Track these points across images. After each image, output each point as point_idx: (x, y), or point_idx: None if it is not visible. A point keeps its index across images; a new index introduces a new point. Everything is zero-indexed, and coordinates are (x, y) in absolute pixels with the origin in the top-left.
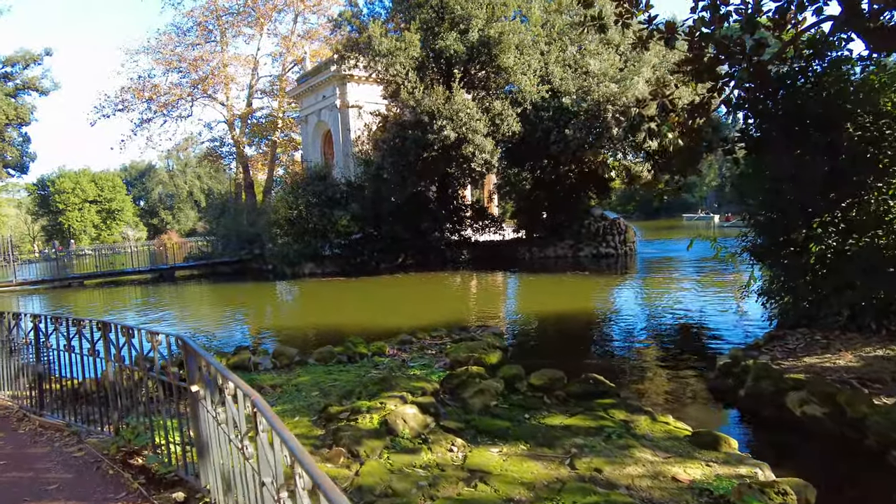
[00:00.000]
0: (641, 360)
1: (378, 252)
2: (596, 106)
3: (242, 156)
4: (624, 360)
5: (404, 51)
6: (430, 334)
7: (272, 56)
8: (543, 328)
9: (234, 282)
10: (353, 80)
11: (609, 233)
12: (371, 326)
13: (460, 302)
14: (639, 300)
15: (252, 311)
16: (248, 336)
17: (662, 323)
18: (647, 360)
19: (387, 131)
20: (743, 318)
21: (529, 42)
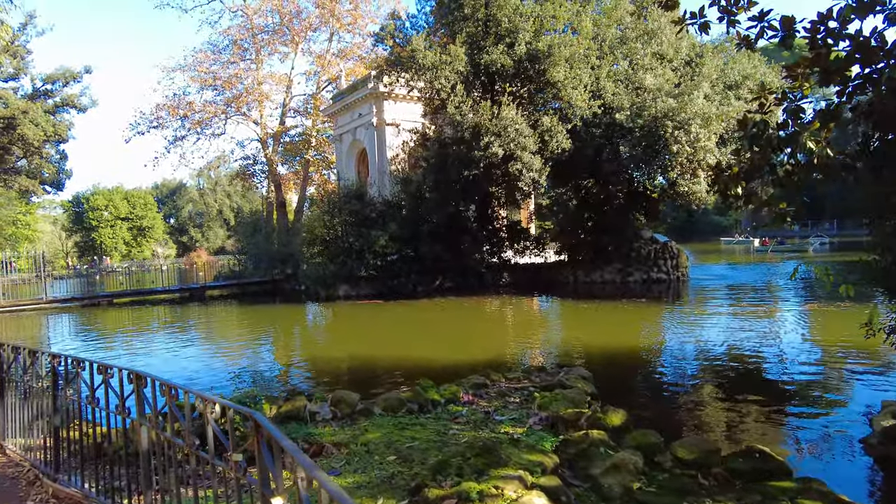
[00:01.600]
0: (761, 408)
1: (415, 274)
2: (653, 122)
3: (275, 174)
4: (737, 407)
5: (449, 64)
6: (506, 376)
7: (306, 75)
8: (624, 367)
9: (265, 303)
10: (390, 98)
11: (661, 257)
12: (420, 360)
13: (512, 332)
14: (719, 333)
15: (284, 335)
16: (281, 366)
17: (763, 361)
18: (769, 408)
19: (427, 149)
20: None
21: (581, 55)
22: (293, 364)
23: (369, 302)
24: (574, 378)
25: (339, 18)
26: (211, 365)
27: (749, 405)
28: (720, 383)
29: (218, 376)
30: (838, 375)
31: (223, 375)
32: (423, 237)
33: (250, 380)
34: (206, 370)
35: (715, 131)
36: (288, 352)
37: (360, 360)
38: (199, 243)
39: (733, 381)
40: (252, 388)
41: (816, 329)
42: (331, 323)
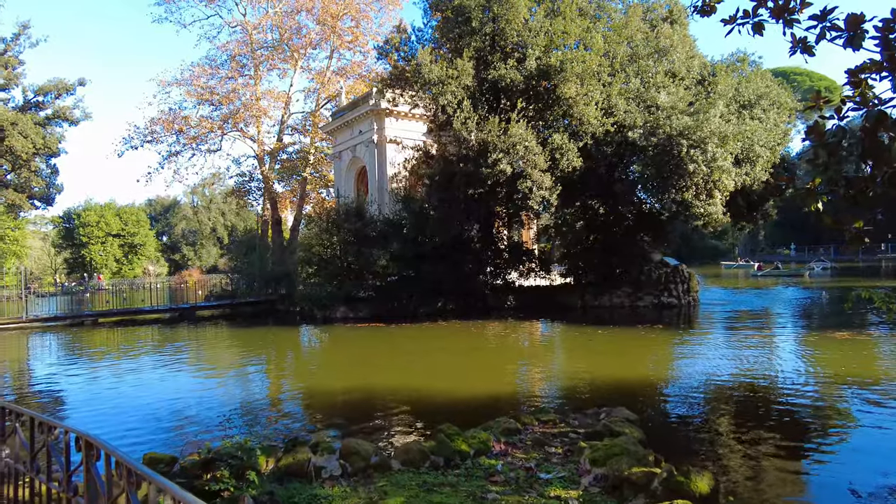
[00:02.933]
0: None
1: (417, 296)
2: (667, 140)
3: (271, 192)
4: (798, 456)
5: (456, 79)
6: (538, 418)
7: (305, 92)
8: (658, 404)
9: (258, 325)
10: (392, 115)
11: (672, 281)
12: (428, 391)
13: (525, 360)
14: (750, 362)
15: (278, 361)
16: (274, 397)
17: (801, 396)
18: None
19: (431, 166)
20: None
21: (593, 71)
22: (287, 395)
23: (369, 325)
24: (619, 422)
25: (339, 36)
26: (197, 396)
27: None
28: (771, 426)
29: (205, 410)
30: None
31: (211, 409)
32: (426, 257)
33: (240, 415)
34: (190, 402)
35: (731, 151)
36: (282, 380)
37: (362, 390)
38: (191, 262)
39: (783, 425)
40: (246, 438)
41: (857, 361)
42: (328, 347)
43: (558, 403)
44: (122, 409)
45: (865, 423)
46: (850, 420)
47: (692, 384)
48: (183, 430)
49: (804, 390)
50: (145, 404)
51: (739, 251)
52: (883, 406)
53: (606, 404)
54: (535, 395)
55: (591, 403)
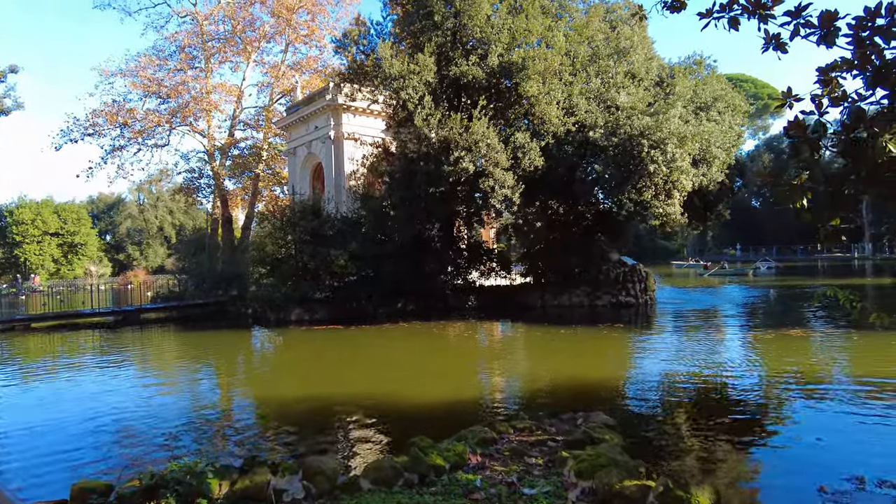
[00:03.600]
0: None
1: (376, 296)
2: (628, 140)
3: (221, 189)
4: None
5: (417, 74)
6: (514, 426)
7: (258, 86)
8: (626, 406)
9: (208, 328)
10: (349, 111)
11: (629, 280)
12: (392, 397)
13: (489, 362)
14: (719, 360)
15: (230, 368)
16: (225, 407)
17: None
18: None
19: (392, 164)
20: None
21: (555, 70)
22: (240, 405)
23: (326, 327)
24: (598, 428)
25: (295, 29)
26: (140, 408)
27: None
28: (738, 426)
29: (149, 425)
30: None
31: (156, 423)
32: (386, 257)
33: (189, 430)
34: (133, 416)
35: (689, 152)
36: (234, 389)
37: (321, 398)
38: (137, 262)
39: (747, 423)
40: (195, 460)
41: (814, 357)
42: (283, 351)
43: (528, 407)
44: (54, 425)
45: (826, 419)
46: (810, 415)
47: (658, 384)
48: (123, 450)
49: (766, 388)
50: (81, 420)
51: (689, 251)
52: (839, 401)
53: (576, 407)
54: (503, 399)
55: (561, 406)
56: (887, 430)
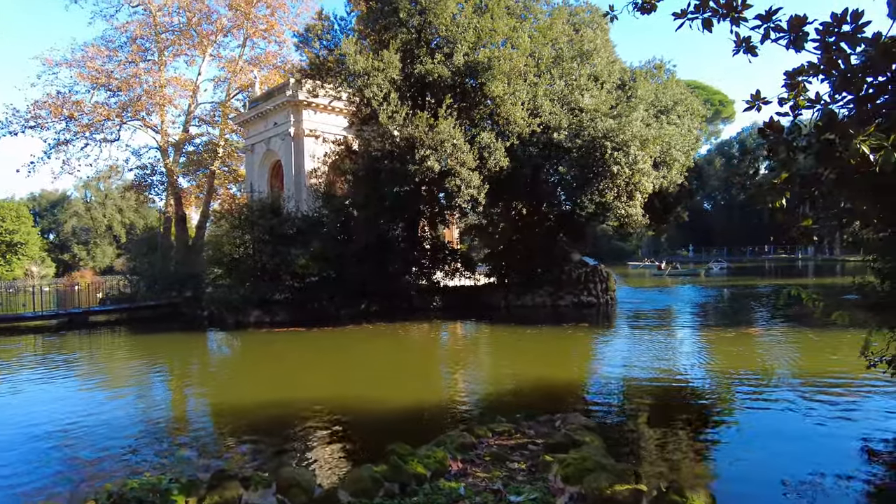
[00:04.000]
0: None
1: (339, 297)
2: (591, 142)
3: (175, 187)
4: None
5: (382, 72)
6: (492, 430)
7: (214, 81)
8: (612, 408)
9: (161, 330)
10: (310, 107)
11: (591, 280)
12: (360, 402)
13: (456, 363)
14: (685, 359)
15: (185, 372)
16: (183, 417)
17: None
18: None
19: (355, 162)
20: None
21: (520, 71)
22: (200, 413)
23: (287, 329)
24: (578, 430)
25: (253, 23)
26: (91, 419)
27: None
28: (707, 422)
29: (102, 437)
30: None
31: (109, 435)
32: (349, 257)
33: (147, 441)
34: (83, 428)
35: (651, 154)
36: (192, 396)
37: (286, 404)
38: (83, 262)
39: (710, 419)
40: (159, 475)
41: (773, 354)
42: (243, 355)
43: (498, 409)
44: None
45: (779, 416)
46: (766, 413)
47: (624, 384)
48: (73, 466)
49: (726, 387)
50: (25, 432)
51: (643, 252)
52: (793, 398)
53: (547, 408)
54: (473, 401)
55: (531, 408)
56: (839, 425)
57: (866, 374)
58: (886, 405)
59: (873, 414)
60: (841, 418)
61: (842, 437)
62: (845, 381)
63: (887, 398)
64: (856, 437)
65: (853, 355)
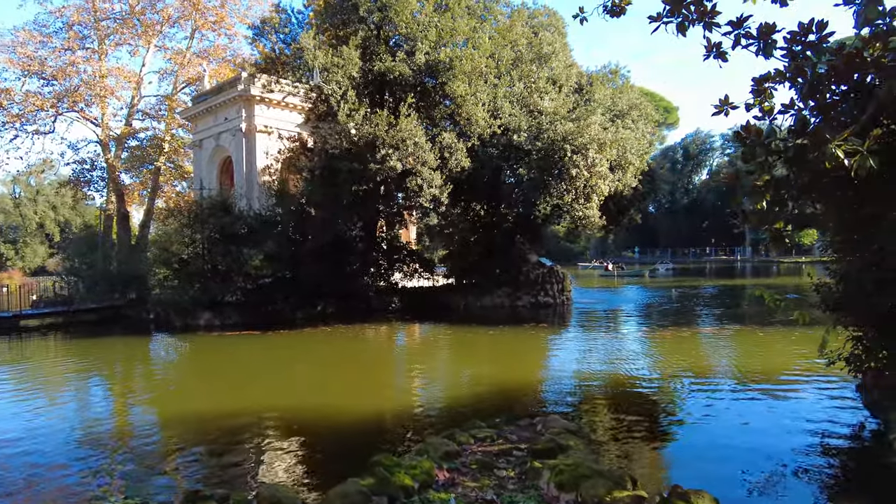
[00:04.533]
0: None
1: (294, 299)
2: (551, 145)
3: (117, 183)
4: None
5: (342, 68)
6: (474, 435)
7: (160, 73)
8: (587, 406)
9: (102, 334)
10: (262, 102)
11: (548, 281)
12: (327, 412)
13: (421, 366)
14: (641, 357)
15: (126, 380)
16: (129, 429)
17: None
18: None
19: (312, 159)
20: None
21: (480, 71)
22: (151, 423)
23: (240, 333)
24: (561, 433)
25: (203, 14)
26: (22, 432)
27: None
28: (669, 420)
29: (43, 455)
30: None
31: (40, 448)
32: (304, 258)
33: (93, 456)
34: (10, 444)
35: (608, 157)
36: (139, 403)
37: (243, 413)
38: (11, 262)
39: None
40: (127, 500)
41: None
42: (193, 361)
43: (467, 414)
44: None
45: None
46: (721, 408)
47: (591, 384)
48: (13, 494)
49: (682, 385)
50: None
51: (591, 253)
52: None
53: (512, 409)
54: (439, 405)
55: (499, 410)
56: (791, 419)
57: (815, 370)
58: (830, 401)
59: (823, 407)
60: (791, 412)
61: (798, 431)
62: (795, 377)
63: (829, 391)
64: (813, 432)
65: (803, 352)
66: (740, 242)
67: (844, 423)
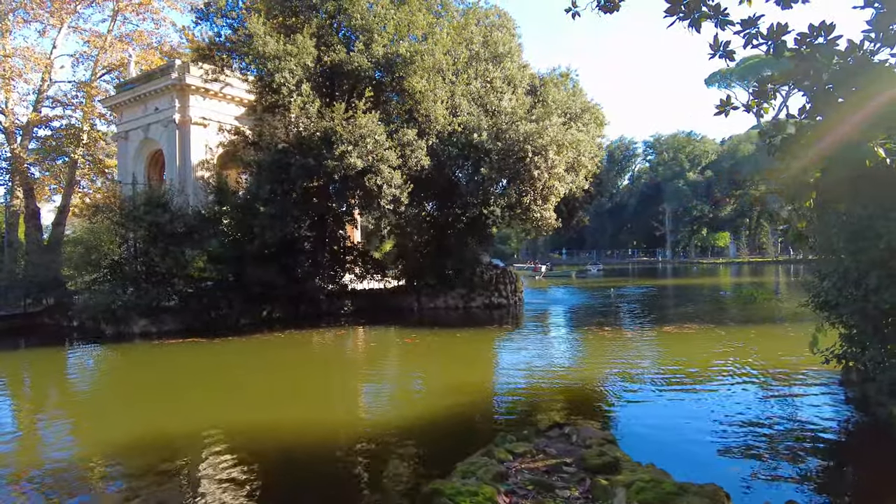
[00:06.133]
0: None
1: (237, 303)
2: (513, 145)
3: (25, 177)
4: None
5: (295, 56)
6: (511, 451)
7: (74, 57)
8: (556, 411)
9: (14, 347)
10: (198, 92)
11: (501, 282)
12: (287, 427)
13: (387, 373)
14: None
15: (59, 400)
16: (73, 457)
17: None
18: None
19: (259, 153)
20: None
21: (444, 66)
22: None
23: (181, 341)
24: (602, 443)
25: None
26: None
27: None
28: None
29: None
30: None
31: None
32: (250, 258)
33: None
34: None
35: (565, 160)
36: (80, 429)
37: (190, 435)
38: None
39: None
40: None
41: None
42: (132, 374)
43: (455, 422)
44: None
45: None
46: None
47: (593, 383)
48: None
49: (646, 381)
50: None
51: (523, 254)
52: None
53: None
54: (418, 416)
55: (485, 419)
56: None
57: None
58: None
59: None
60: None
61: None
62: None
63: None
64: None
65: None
66: (660, 245)
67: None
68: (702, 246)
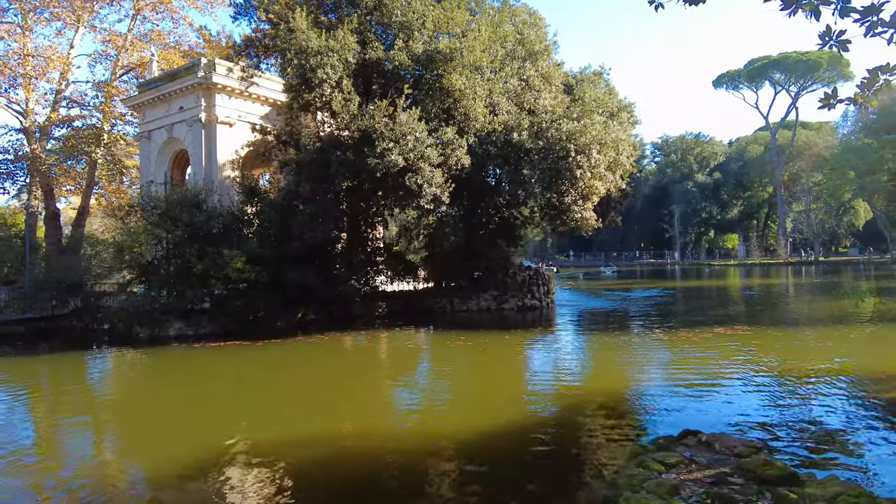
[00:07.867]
0: None
1: (275, 306)
2: (555, 144)
3: (45, 177)
4: None
5: (337, 52)
6: (661, 461)
7: (91, 57)
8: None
9: (36, 352)
10: (224, 91)
11: (534, 283)
12: (353, 437)
13: (443, 378)
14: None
15: (104, 410)
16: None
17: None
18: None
19: (299, 151)
20: None
21: (482, 64)
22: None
23: (221, 344)
24: (751, 452)
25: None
26: None
27: None
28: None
29: None
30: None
31: None
32: (287, 260)
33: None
34: None
35: (607, 159)
36: (129, 442)
37: (267, 453)
38: None
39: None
40: None
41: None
42: (181, 383)
43: (516, 433)
44: None
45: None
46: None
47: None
48: None
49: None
50: None
51: (531, 256)
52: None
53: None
54: (492, 423)
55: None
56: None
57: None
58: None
59: None
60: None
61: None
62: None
63: None
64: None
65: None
66: (668, 247)
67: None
68: (709, 248)
